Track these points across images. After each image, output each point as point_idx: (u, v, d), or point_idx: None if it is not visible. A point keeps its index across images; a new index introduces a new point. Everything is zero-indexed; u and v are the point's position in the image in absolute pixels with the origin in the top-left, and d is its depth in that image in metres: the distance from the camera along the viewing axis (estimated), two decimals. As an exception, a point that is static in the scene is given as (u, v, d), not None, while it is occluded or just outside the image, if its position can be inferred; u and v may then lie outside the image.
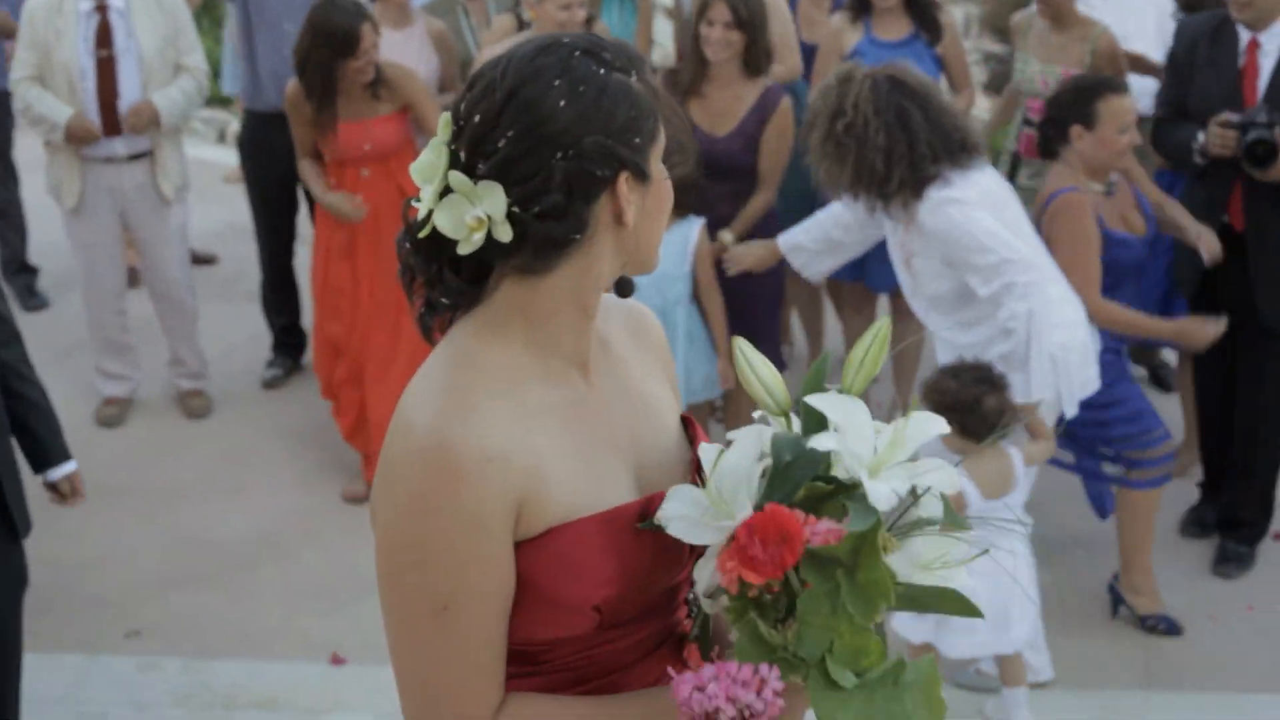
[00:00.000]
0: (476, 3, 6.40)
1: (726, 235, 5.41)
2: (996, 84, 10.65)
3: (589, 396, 1.95)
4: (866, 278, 6.15)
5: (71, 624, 5.01)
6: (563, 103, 1.79)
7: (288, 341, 7.09)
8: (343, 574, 5.27)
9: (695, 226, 5.23)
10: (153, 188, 6.35)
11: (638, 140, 1.85)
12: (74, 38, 6.09)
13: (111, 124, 6.16)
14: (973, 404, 4.18)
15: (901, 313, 6.16)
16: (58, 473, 3.92)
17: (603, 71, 1.83)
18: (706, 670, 1.73)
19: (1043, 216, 4.73)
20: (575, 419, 1.91)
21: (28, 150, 7.85)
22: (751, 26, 5.30)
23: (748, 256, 5.32)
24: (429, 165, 1.83)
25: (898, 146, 4.31)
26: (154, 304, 6.70)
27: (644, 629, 1.97)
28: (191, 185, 6.65)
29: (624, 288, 2.01)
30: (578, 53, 1.84)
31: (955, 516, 1.84)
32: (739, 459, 1.83)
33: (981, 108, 5.95)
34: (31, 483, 3.90)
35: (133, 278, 7.10)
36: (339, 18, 5.44)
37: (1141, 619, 4.96)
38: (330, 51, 5.48)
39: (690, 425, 2.11)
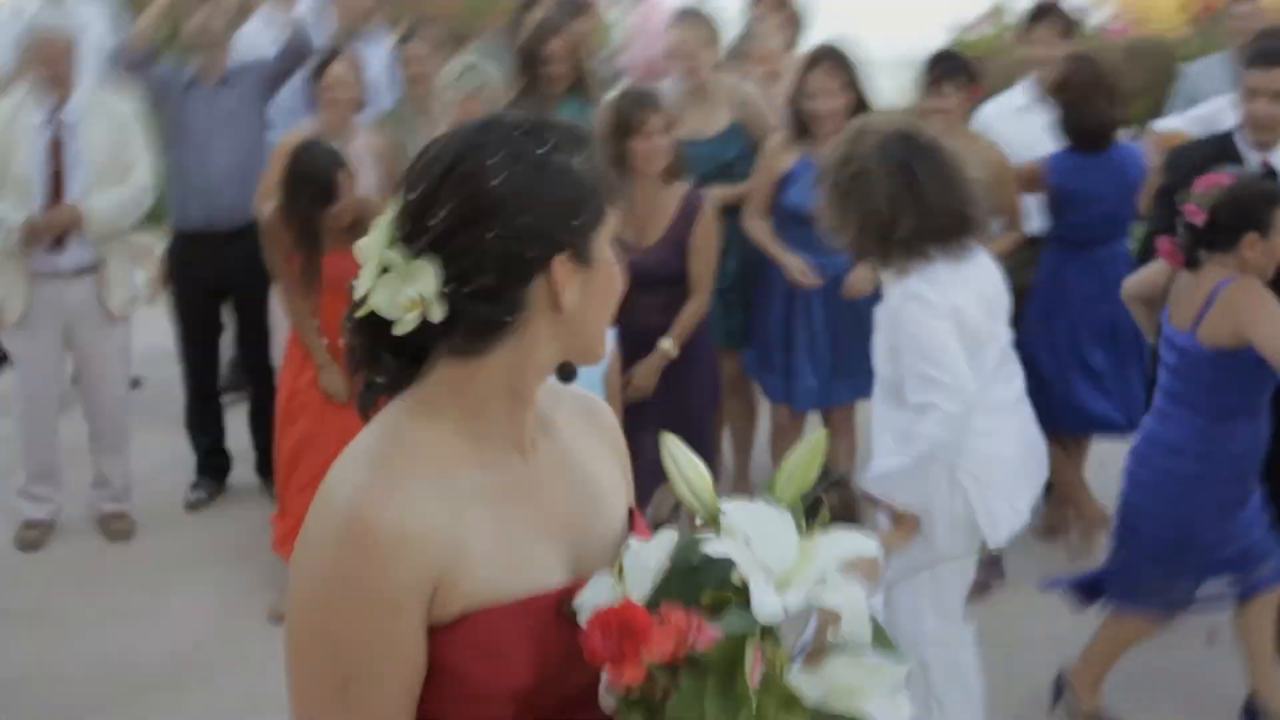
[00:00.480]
0: (425, 115, 6.45)
1: (666, 343, 5.46)
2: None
3: (525, 479, 1.93)
4: (791, 401, 6.18)
5: (-10, 751, 4.91)
6: (498, 179, 1.79)
7: (212, 464, 7.03)
8: (269, 696, 5.12)
9: (608, 339, 5.22)
10: (98, 304, 6.31)
11: (575, 222, 1.84)
12: (27, 149, 6.11)
13: (57, 239, 6.15)
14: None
15: (834, 428, 6.21)
16: None
17: (542, 151, 1.83)
18: None
19: (1205, 311, 4.51)
20: (506, 502, 1.89)
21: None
22: (673, 130, 5.38)
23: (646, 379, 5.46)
24: (371, 244, 1.85)
25: (902, 194, 4.19)
26: (88, 423, 6.64)
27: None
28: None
29: (565, 373, 1.98)
30: (519, 131, 1.84)
31: (887, 642, 1.82)
32: (648, 555, 1.82)
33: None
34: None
35: (64, 401, 7.04)
36: (317, 165, 5.51)
37: None
38: (309, 198, 5.51)
39: (634, 517, 2.09)
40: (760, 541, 1.75)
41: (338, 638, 1.77)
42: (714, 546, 1.74)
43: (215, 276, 6.64)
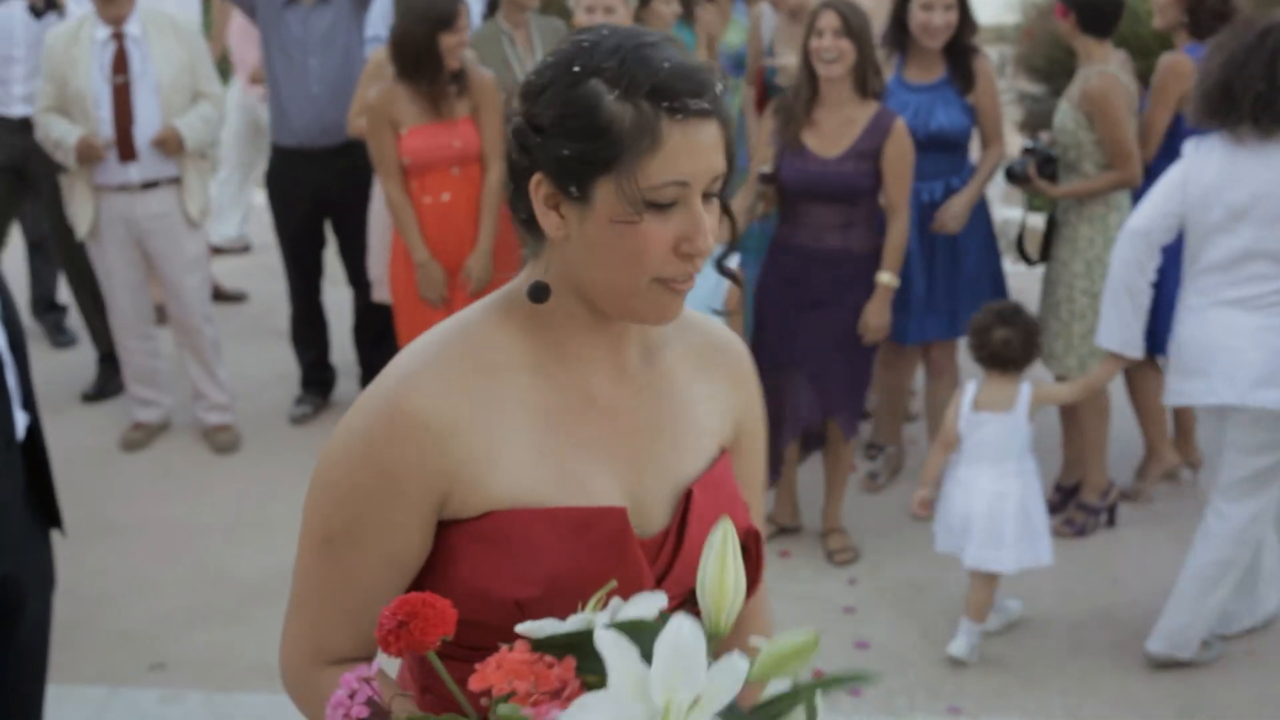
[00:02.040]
0: (521, 30, 6.37)
1: (885, 277, 5.29)
2: (1032, 123, 10.59)
3: (594, 397, 1.88)
4: (894, 335, 5.91)
5: (93, 657, 4.94)
6: (545, 78, 1.76)
7: (317, 378, 7.06)
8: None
9: (730, 265, 5.14)
10: (173, 214, 6.36)
11: (567, 151, 1.72)
12: (89, 65, 6.15)
13: (127, 150, 6.18)
14: (982, 331, 4.81)
15: (933, 365, 6.12)
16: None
17: (589, 71, 1.72)
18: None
19: None
20: (560, 414, 1.85)
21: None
22: (862, 38, 5.22)
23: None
24: None
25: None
26: (175, 335, 6.71)
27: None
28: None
29: (533, 293, 1.84)
30: (605, 46, 1.73)
31: None
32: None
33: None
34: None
35: (162, 315, 7.13)
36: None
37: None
38: (429, 26, 5.53)
39: (723, 460, 1.99)
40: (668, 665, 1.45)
41: (337, 496, 1.80)
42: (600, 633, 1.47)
43: (316, 192, 6.65)
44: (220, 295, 8.22)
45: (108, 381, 7.20)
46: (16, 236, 8.18)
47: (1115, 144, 5.48)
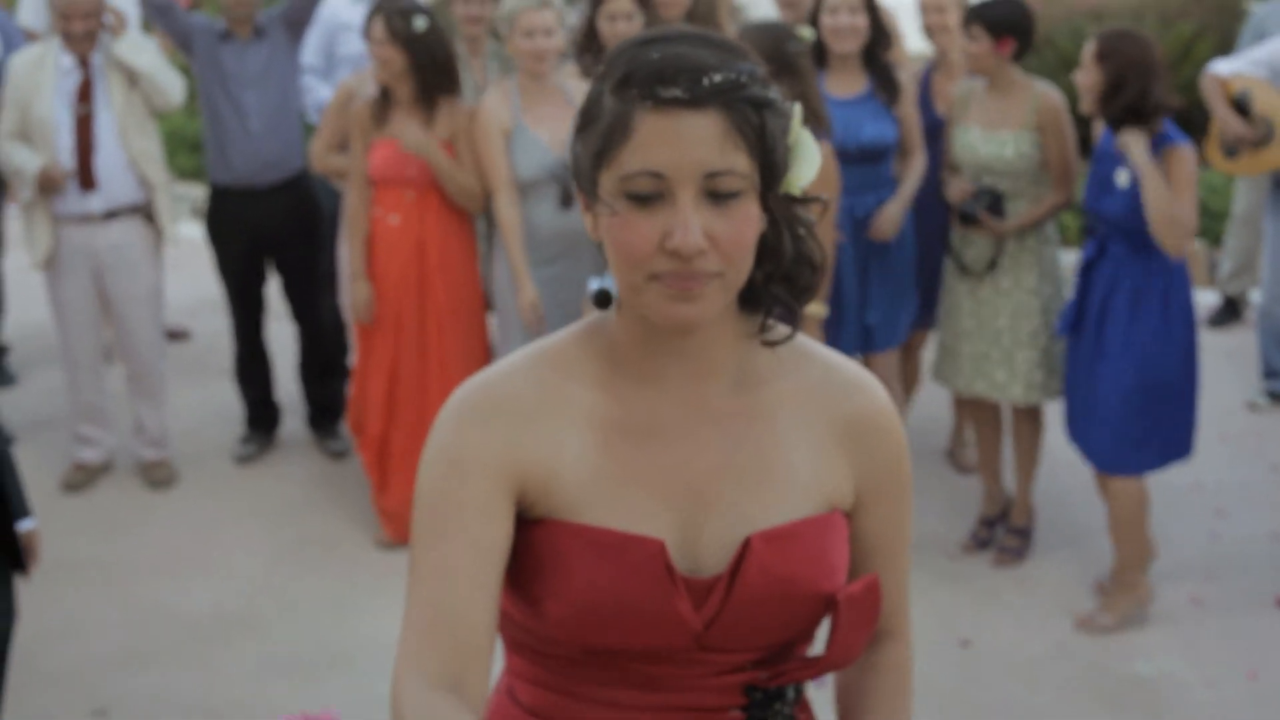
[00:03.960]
0: (477, 60, 6.33)
1: (813, 308, 5.20)
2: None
3: (659, 427, 1.83)
4: (836, 346, 5.94)
5: (33, 700, 4.82)
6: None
7: (261, 416, 6.96)
8: (316, 648, 5.12)
9: None
10: (133, 245, 6.34)
11: (578, 148, 1.76)
12: (50, 93, 6.13)
13: (87, 179, 6.15)
14: None
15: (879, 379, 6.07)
16: (18, 528, 3.77)
17: (600, 74, 1.74)
18: None
19: None
20: (620, 439, 1.82)
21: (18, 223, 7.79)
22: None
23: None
24: None
25: None
26: (124, 368, 6.62)
27: (626, 694, 1.84)
28: (166, 259, 6.58)
29: (597, 299, 1.90)
30: (618, 48, 1.74)
31: None
32: None
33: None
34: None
35: (110, 354, 7.06)
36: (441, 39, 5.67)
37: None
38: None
39: (829, 523, 1.87)
40: None
41: (421, 496, 1.79)
42: None
43: (256, 230, 6.59)
44: (165, 333, 8.12)
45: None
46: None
47: (1066, 162, 5.50)
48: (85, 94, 6.18)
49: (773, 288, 1.82)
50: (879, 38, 5.71)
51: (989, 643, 5.11)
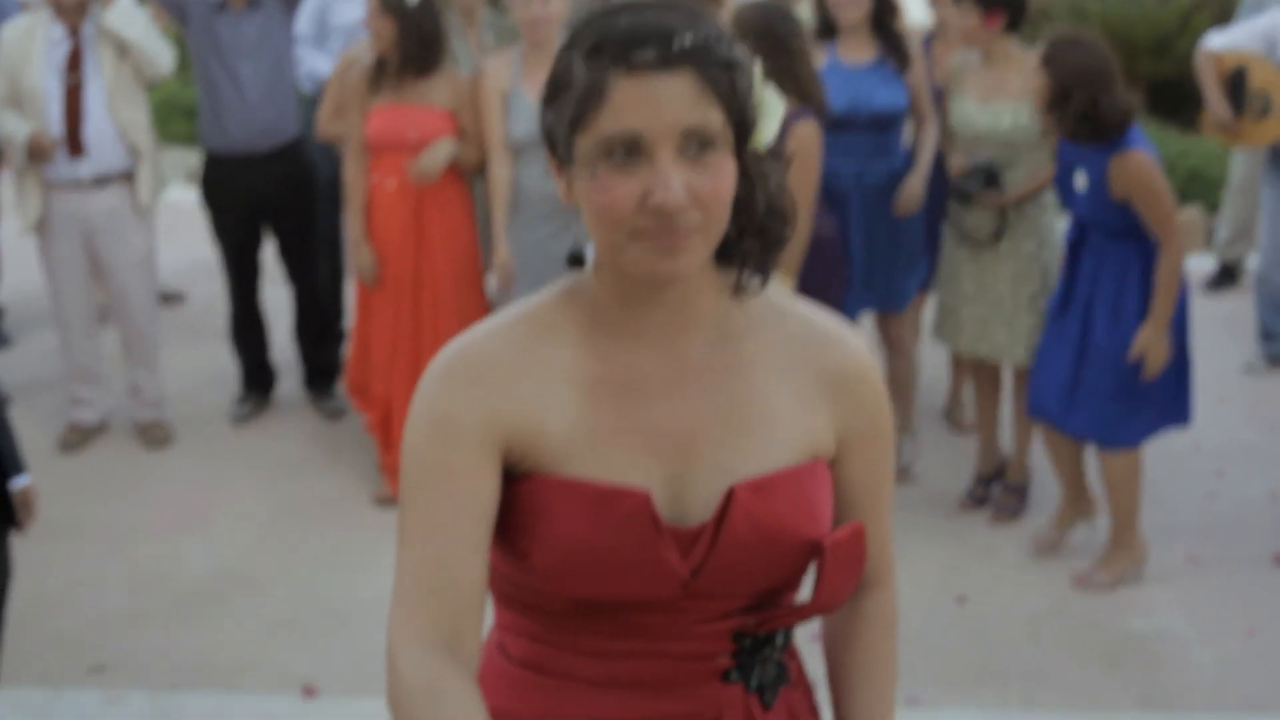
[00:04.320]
0: (472, 29, 6.32)
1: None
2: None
3: (643, 378, 1.84)
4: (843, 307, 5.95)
5: (33, 659, 4.82)
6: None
7: (257, 378, 6.96)
8: (314, 607, 5.13)
9: None
10: (123, 210, 6.34)
11: (550, 114, 1.78)
12: (41, 62, 6.15)
13: (75, 146, 6.17)
14: None
15: (889, 342, 6.09)
16: (13, 484, 3.77)
17: (568, 42, 1.76)
18: None
19: None
20: (605, 393, 1.84)
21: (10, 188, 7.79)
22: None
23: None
24: None
25: None
26: (118, 331, 6.63)
27: (616, 643, 1.86)
28: (161, 224, 6.58)
29: (570, 257, 1.92)
30: (585, 16, 1.76)
31: None
32: None
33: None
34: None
35: (104, 316, 7.06)
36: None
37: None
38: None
39: (815, 471, 1.90)
40: None
41: (409, 457, 1.81)
42: None
43: (252, 197, 6.59)
44: (160, 296, 8.12)
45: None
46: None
47: None
48: (75, 64, 6.18)
49: (746, 241, 1.84)
50: (886, 5, 5.69)
51: (986, 600, 5.12)
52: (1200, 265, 9.06)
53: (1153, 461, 6.05)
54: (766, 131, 1.79)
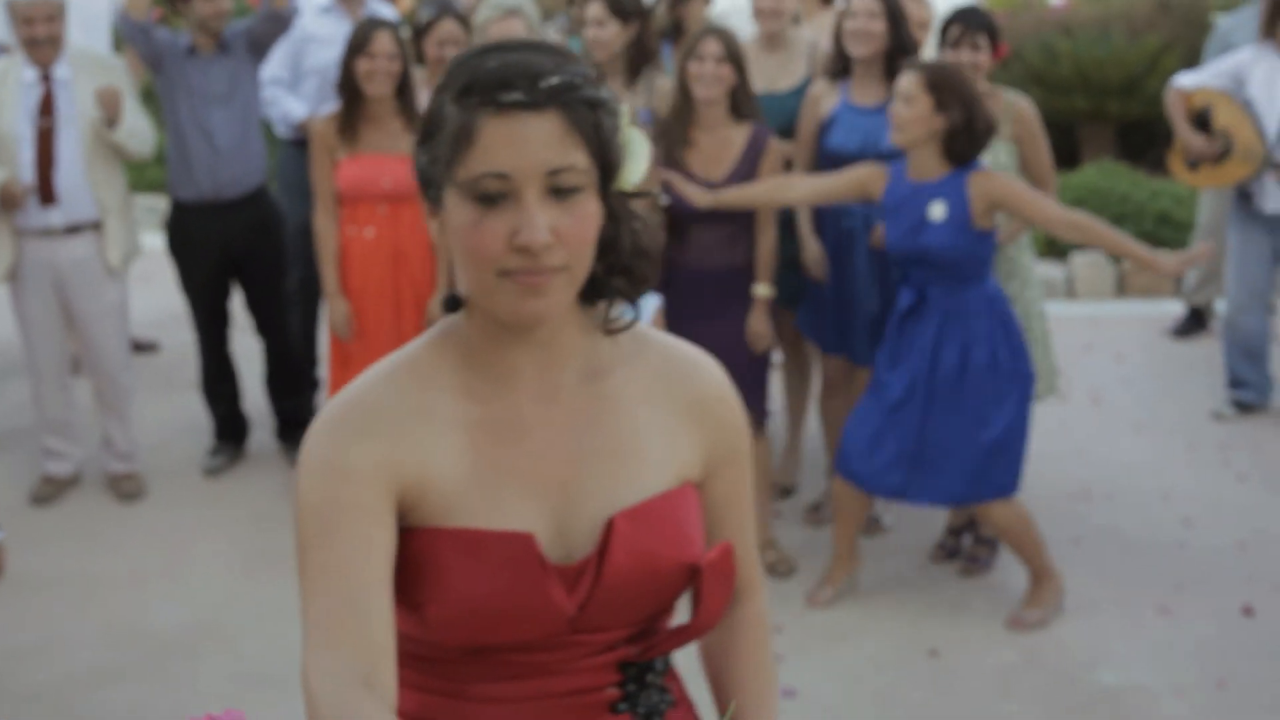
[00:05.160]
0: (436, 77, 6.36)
1: (761, 289, 5.56)
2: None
3: (519, 421, 1.90)
4: (850, 354, 6.01)
5: (5, 717, 4.81)
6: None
7: (230, 429, 6.95)
8: (288, 659, 5.11)
9: (649, 305, 5.17)
10: (94, 260, 6.32)
11: (423, 159, 1.84)
12: (14, 107, 6.14)
13: (47, 194, 6.16)
14: None
15: None
16: None
17: (441, 85, 1.82)
18: None
19: None
20: (485, 438, 1.88)
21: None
22: (740, 64, 5.40)
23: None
24: None
25: None
26: (90, 382, 6.62)
27: (509, 687, 1.91)
28: (132, 271, 6.57)
29: (447, 303, 1.97)
30: (458, 60, 1.82)
31: None
32: None
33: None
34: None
35: (77, 366, 7.04)
36: (364, 25, 5.77)
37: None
38: (349, 52, 5.70)
39: (684, 496, 1.97)
40: None
41: (303, 501, 1.82)
42: None
43: (221, 244, 6.58)
44: (133, 345, 8.11)
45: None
46: None
47: (1043, 163, 5.62)
48: (47, 108, 6.18)
49: (613, 280, 1.90)
50: (900, 47, 5.72)
51: (957, 653, 5.13)
52: (1169, 310, 9.13)
53: (1121, 510, 6.11)
54: (634, 172, 1.85)
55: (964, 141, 5.00)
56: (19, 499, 6.49)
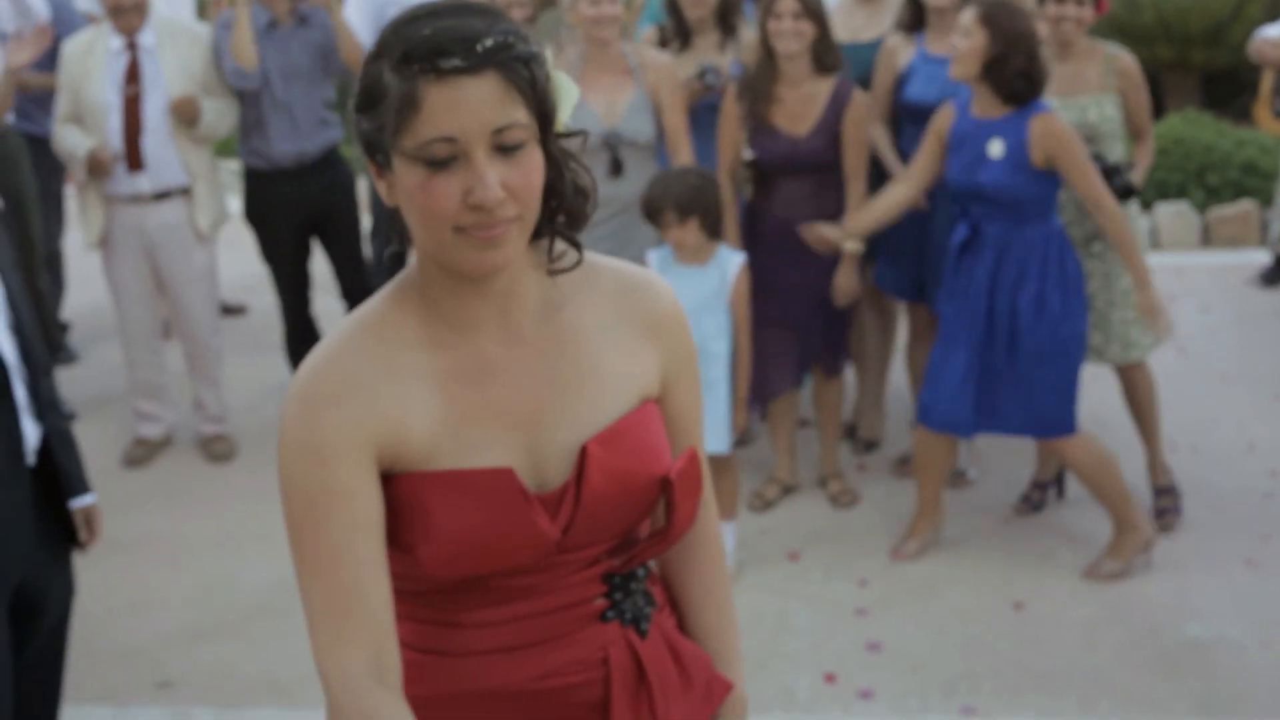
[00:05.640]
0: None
1: (850, 244, 5.57)
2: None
3: (484, 362, 1.97)
4: (931, 302, 5.98)
5: (99, 676, 4.90)
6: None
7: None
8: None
9: (733, 261, 5.17)
10: (183, 225, 6.42)
11: (365, 124, 1.87)
12: (101, 76, 6.23)
13: (135, 160, 6.25)
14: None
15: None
16: (78, 503, 3.82)
17: (376, 51, 1.85)
18: None
19: None
20: (454, 383, 1.95)
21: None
22: (819, 18, 5.44)
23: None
24: None
25: None
26: (181, 345, 6.72)
27: (502, 610, 1.99)
28: (220, 236, 6.66)
29: (391, 259, 2.05)
30: (391, 25, 1.85)
31: None
32: None
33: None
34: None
35: (168, 330, 7.14)
36: None
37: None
38: None
39: (647, 411, 2.08)
40: None
41: (292, 492, 1.88)
42: None
43: (301, 209, 6.65)
44: (221, 308, 8.21)
45: None
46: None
47: (1144, 115, 5.63)
48: (133, 75, 6.26)
49: (556, 221, 1.99)
50: None
51: (1043, 605, 5.13)
52: (1254, 259, 9.04)
53: (1207, 462, 6.07)
54: (563, 114, 1.93)
55: (1014, 79, 4.98)
56: (112, 462, 6.60)
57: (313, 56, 6.54)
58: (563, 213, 1.98)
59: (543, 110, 1.86)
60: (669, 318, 2.11)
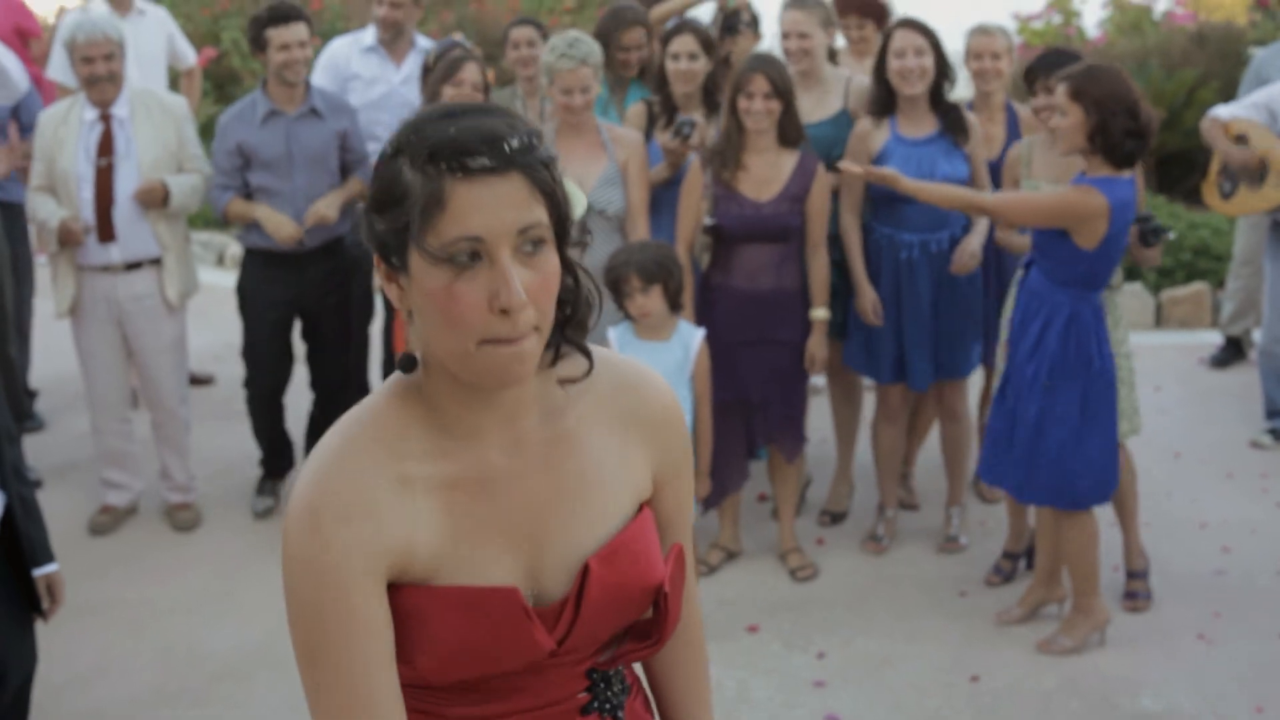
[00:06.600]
0: (533, 99, 6.53)
1: (818, 312, 5.83)
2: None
3: (489, 474, 1.95)
4: (910, 381, 6.15)
5: (65, 740, 4.92)
6: (377, 164, 1.87)
7: (275, 467, 7.03)
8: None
9: (695, 336, 5.29)
10: (154, 296, 6.43)
11: (381, 226, 1.84)
12: (74, 146, 6.26)
13: (106, 231, 6.28)
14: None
15: (947, 411, 6.22)
16: (41, 571, 3.84)
17: (394, 149, 1.83)
18: None
19: None
20: (460, 496, 1.93)
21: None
22: (787, 96, 5.66)
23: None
24: None
25: None
26: (149, 414, 6.74)
27: (489, 707, 1.99)
28: (190, 306, 6.69)
29: (401, 363, 1.97)
30: (410, 124, 1.84)
31: None
32: None
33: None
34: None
35: (136, 399, 7.14)
36: (452, 56, 6.08)
37: None
38: (437, 80, 6.04)
39: (642, 513, 2.08)
40: None
41: (301, 611, 1.86)
42: None
43: (294, 295, 6.65)
44: (189, 379, 8.21)
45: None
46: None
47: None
48: (106, 146, 6.30)
49: (566, 330, 1.97)
50: (944, 78, 5.92)
51: (998, 678, 5.19)
52: (1206, 340, 9.17)
53: (1160, 538, 6.15)
54: (576, 215, 1.93)
55: (1124, 140, 4.98)
56: (78, 529, 6.60)
57: (317, 146, 6.54)
58: (572, 322, 1.97)
59: (560, 212, 1.85)
60: (666, 416, 2.11)
